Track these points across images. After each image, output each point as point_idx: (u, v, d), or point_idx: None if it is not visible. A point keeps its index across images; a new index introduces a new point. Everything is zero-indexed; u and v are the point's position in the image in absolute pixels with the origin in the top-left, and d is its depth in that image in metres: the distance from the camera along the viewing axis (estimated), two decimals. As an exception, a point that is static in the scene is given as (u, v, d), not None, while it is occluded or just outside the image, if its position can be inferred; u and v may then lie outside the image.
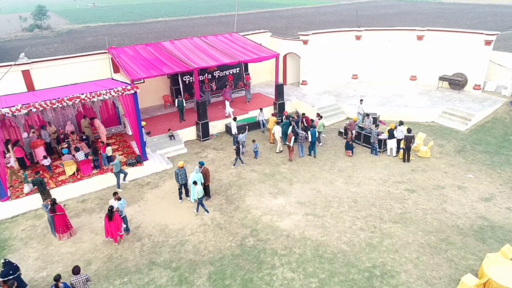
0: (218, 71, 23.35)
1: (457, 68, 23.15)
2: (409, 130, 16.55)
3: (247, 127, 18.78)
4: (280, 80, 22.62)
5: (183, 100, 20.11)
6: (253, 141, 17.28)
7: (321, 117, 18.52)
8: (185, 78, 22.04)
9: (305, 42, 23.60)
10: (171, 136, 18.47)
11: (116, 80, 17.61)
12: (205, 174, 13.98)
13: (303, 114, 19.35)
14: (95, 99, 14.07)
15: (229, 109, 20.42)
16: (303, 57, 24.05)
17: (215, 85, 23.21)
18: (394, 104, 21.59)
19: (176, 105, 19.90)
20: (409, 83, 24.87)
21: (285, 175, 16.10)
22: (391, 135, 17.01)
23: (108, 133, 19.06)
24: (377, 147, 17.39)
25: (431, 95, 22.80)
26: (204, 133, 19.30)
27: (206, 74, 22.93)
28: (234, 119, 18.62)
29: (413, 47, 24.07)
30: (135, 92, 14.93)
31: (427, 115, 20.77)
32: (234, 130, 18.31)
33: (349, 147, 17.42)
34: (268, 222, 13.16)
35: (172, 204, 14.35)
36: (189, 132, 19.61)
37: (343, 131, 19.48)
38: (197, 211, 13.66)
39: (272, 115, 19.17)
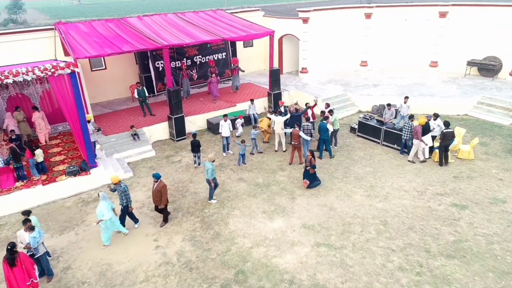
0: (200, 56, 19.09)
1: (488, 51, 19.11)
2: (446, 124, 12.42)
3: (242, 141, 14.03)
4: (276, 66, 18.46)
5: (145, 89, 15.75)
6: (242, 141, 12.99)
7: (332, 111, 14.17)
8: (158, 63, 17.73)
9: (305, 21, 19.43)
10: (135, 135, 14.15)
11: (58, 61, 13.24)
12: (160, 193, 9.65)
13: (311, 103, 15.19)
14: (9, 80, 9.70)
15: (241, 130, 15.44)
16: (302, 39, 19.87)
17: (196, 73, 18.92)
18: (417, 93, 17.46)
19: (136, 95, 15.55)
20: (428, 70, 20.79)
21: (284, 186, 11.87)
22: (423, 131, 12.82)
23: (54, 131, 14.69)
24: (410, 145, 13.19)
25: (459, 83, 18.73)
26: (178, 131, 15.00)
27: (184, 59, 18.66)
28: (225, 115, 13.97)
29: (435, 27, 20.00)
30: (73, 72, 10.59)
31: (459, 106, 16.66)
32: (224, 132, 13.77)
33: (308, 175, 11.60)
34: (262, 258, 8.91)
35: (139, 227, 10.05)
36: (160, 130, 15.30)
37: (356, 126, 15.30)
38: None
39: (267, 111, 14.82)
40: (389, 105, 14.72)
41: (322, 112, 13.87)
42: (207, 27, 16.75)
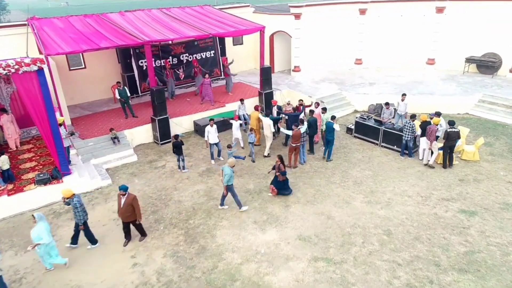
0: (187, 54, 18.03)
1: (487, 48, 18.38)
2: (451, 123, 11.55)
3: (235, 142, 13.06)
4: (267, 63, 17.52)
5: (126, 89, 14.65)
6: (228, 146, 11.79)
7: (325, 109, 13.27)
8: (141, 62, 16.61)
9: (297, 16, 18.52)
10: (115, 139, 13.05)
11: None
12: (132, 206, 8.53)
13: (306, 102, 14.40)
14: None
15: (237, 134, 13.13)
16: (295, 36, 18.94)
17: (183, 73, 17.88)
18: (416, 91, 16.63)
19: (118, 95, 14.44)
20: (426, 68, 20.00)
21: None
22: (424, 130, 11.96)
23: (26, 136, 13.52)
24: (411, 146, 12.35)
25: (458, 80, 17.95)
26: (162, 134, 13.93)
27: (170, 58, 17.61)
28: (211, 119, 12.52)
29: (432, 23, 19.23)
30: (41, 70, 9.48)
31: (459, 105, 15.86)
32: (212, 139, 12.33)
33: (277, 182, 10.60)
34: (253, 276, 7.90)
35: (98, 247, 8.95)
36: (143, 133, 14.22)
37: (353, 127, 14.40)
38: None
39: (255, 108, 13.87)
40: (387, 104, 13.83)
41: (311, 112, 12.88)
42: (193, 23, 15.73)
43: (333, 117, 12.30)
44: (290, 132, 11.72)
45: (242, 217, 9.82)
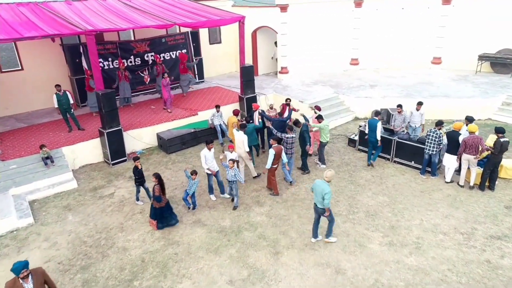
0: (153, 53, 15.01)
1: (502, 44, 15.95)
2: (500, 130, 8.76)
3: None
4: (249, 62, 14.68)
5: (68, 94, 11.48)
6: (193, 173, 8.29)
7: (321, 117, 10.35)
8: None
9: (283, 9, 15.74)
10: (47, 159, 9.86)
11: None
12: (45, 282, 5.31)
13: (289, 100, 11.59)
14: None
15: (230, 155, 8.90)
16: (281, 31, 16.14)
17: (149, 75, 14.78)
18: (427, 94, 13.95)
19: (56, 103, 11.24)
20: (431, 67, 17.46)
21: (262, 231, 7.85)
22: (452, 141, 9.17)
23: None
24: (436, 162, 9.56)
25: (472, 81, 15.40)
26: (114, 151, 10.78)
27: (132, 57, 14.58)
28: (209, 142, 8.75)
29: (437, 16, 16.74)
30: None
31: (480, 109, 13.23)
32: (211, 166, 8.79)
33: (154, 211, 7.82)
34: None
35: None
36: (90, 150, 11.04)
37: (356, 137, 11.55)
38: None
39: (234, 113, 10.87)
40: (399, 106, 10.97)
41: (296, 123, 9.98)
42: (158, 13, 12.74)
43: (377, 113, 10.14)
44: (272, 154, 8.75)
45: (212, 273, 6.74)
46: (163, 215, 7.86)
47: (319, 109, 10.92)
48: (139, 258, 7.20)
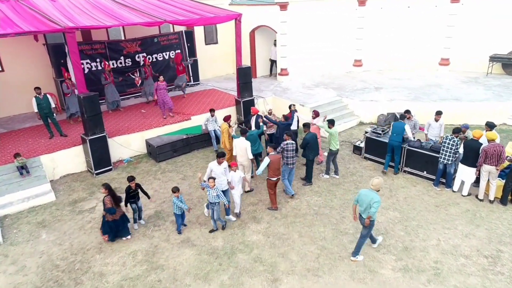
0: (144, 54, 14.13)
1: (514, 43, 15.12)
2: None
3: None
4: (247, 63, 13.78)
5: (49, 97, 10.55)
6: (174, 191, 7.26)
7: (333, 122, 9.35)
8: (81, 63, 12.57)
9: (283, 7, 14.86)
10: (22, 168, 8.95)
11: None
12: None
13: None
14: None
15: (234, 174, 7.83)
16: (280, 31, 15.26)
17: (139, 78, 13.88)
18: (436, 97, 13.06)
19: (35, 107, 10.29)
20: (438, 69, 16.57)
21: (259, 253, 6.92)
22: (471, 152, 8.25)
23: None
24: (452, 172, 8.65)
25: (483, 83, 14.51)
26: (98, 160, 9.87)
27: (122, 58, 13.72)
28: (221, 156, 7.60)
29: (445, 15, 15.87)
30: None
31: (494, 113, 12.32)
32: (221, 183, 7.60)
33: (104, 225, 7.15)
34: None
35: None
36: (71, 159, 10.12)
37: (362, 144, 10.64)
38: None
39: (224, 119, 9.91)
40: (408, 112, 10.05)
41: (306, 126, 9.15)
42: (148, 10, 11.87)
43: (402, 116, 9.55)
44: (266, 162, 7.82)
45: (200, 305, 5.83)
46: (117, 229, 7.09)
47: (317, 114, 10.01)
48: (117, 285, 6.27)
